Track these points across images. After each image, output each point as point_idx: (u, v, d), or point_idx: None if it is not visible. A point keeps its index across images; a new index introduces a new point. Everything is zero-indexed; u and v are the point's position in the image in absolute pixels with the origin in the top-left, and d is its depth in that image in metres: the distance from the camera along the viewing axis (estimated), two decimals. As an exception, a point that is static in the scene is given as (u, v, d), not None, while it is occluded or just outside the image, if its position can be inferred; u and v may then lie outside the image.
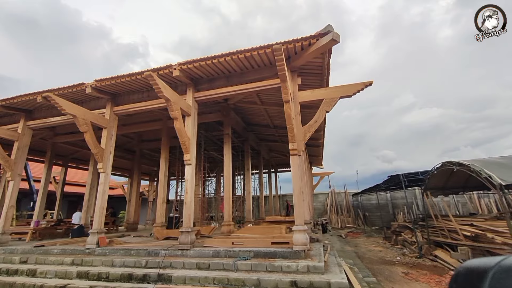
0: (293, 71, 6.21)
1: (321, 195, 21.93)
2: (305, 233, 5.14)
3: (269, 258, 5.10)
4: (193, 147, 6.36)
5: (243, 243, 5.77)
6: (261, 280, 4.31)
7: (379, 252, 9.07)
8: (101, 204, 6.77)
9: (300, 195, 5.40)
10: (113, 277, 5.12)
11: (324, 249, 7.15)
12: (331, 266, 5.08)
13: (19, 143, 8.05)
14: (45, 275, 5.57)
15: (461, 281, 0.60)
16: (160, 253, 5.76)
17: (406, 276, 5.81)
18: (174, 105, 5.70)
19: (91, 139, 6.59)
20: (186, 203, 6.03)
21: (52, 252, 6.62)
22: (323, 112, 5.72)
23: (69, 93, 6.93)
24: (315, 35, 5.23)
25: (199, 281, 4.62)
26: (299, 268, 4.56)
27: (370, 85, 5.64)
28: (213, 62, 5.84)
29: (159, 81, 5.24)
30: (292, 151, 5.54)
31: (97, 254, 6.19)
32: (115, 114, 7.41)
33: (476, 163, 5.72)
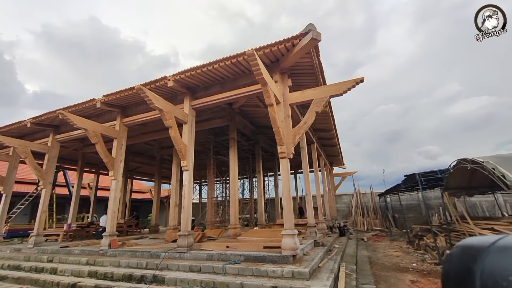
0: (283, 73, 6.14)
1: (345, 196, 21.05)
2: (294, 237, 5.03)
3: (259, 262, 5.09)
4: (190, 154, 6.61)
5: (236, 247, 5.84)
6: (244, 284, 4.34)
7: (396, 257, 8.46)
8: (113, 209, 7.35)
9: (289, 199, 5.31)
10: (116, 277, 5.53)
11: (329, 253, 6.91)
12: (323, 272, 4.90)
13: (49, 155, 9.10)
14: (63, 273, 6.22)
15: (455, 262, 0.57)
16: (160, 255, 6.08)
17: (413, 284, 5.37)
18: (167, 114, 6.00)
19: (101, 149, 7.21)
20: (184, 207, 6.29)
21: (73, 252, 7.36)
22: (313, 113, 5.55)
23: (82, 108, 7.67)
24: (297, 35, 5.13)
25: (188, 283, 4.78)
26: (283, 274, 4.48)
27: (361, 81, 5.36)
28: (202, 70, 6.04)
29: (149, 93, 5.57)
30: (281, 154, 5.48)
31: (109, 255, 6.73)
32: (125, 125, 8.00)
33: (492, 160, 5.10)
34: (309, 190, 8.21)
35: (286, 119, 5.76)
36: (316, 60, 5.80)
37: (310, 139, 10.73)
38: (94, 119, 8.61)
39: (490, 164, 4.95)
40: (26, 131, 9.55)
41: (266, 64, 6.17)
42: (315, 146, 11.10)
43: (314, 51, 5.54)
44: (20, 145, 8.43)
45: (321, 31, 4.95)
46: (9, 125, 8.88)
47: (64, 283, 5.59)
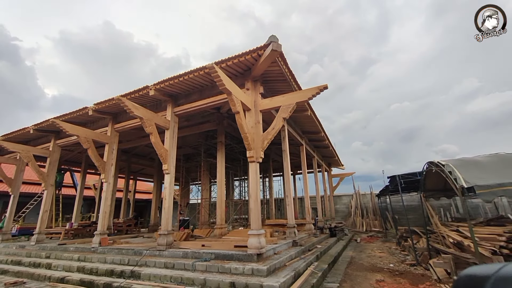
0: (255, 81, 6.46)
1: (344, 197, 21.00)
2: (259, 237, 5.34)
3: (226, 260, 5.43)
4: (171, 158, 7.04)
5: (210, 245, 6.21)
6: (206, 280, 4.69)
7: (378, 258, 8.58)
8: (104, 209, 7.89)
9: (256, 201, 5.62)
10: (100, 272, 6.02)
11: (305, 253, 7.15)
12: (285, 270, 5.17)
13: (50, 158, 9.80)
14: (56, 268, 6.79)
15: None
16: (143, 252, 6.53)
17: (378, 283, 5.54)
18: (147, 122, 6.45)
19: (93, 154, 7.76)
20: (164, 208, 6.71)
21: (68, 249, 7.95)
22: (280, 119, 5.84)
23: (77, 116, 8.27)
24: (261, 46, 5.44)
25: (159, 279, 5.19)
26: (244, 271, 4.81)
27: (325, 88, 5.59)
28: (179, 80, 6.44)
29: (128, 102, 6.03)
30: (250, 158, 5.79)
31: (98, 252, 7.26)
32: (116, 130, 8.54)
33: (453, 163, 5.21)
34: (289, 192, 8.46)
35: (257, 124, 6.07)
36: (284, 68, 6.08)
37: (298, 142, 10.96)
38: (89, 125, 9.23)
39: (449, 167, 5.07)
40: (30, 137, 10.31)
41: (240, 72, 6.52)
42: (304, 148, 11.31)
43: (281, 60, 5.82)
44: (23, 150, 9.16)
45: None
46: (14, 132, 9.64)
47: (55, 277, 6.14)
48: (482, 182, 4.24)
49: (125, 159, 15.87)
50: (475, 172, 4.66)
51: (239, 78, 6.62)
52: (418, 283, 5.47)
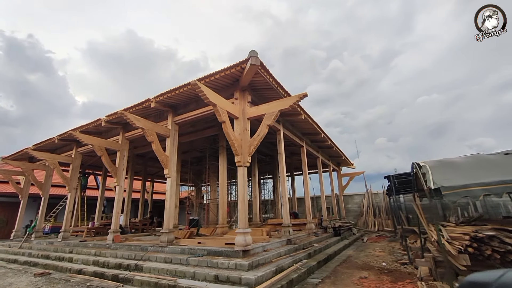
0: (243, 90, 6.96)
1: (356, 196, 20.80)
2: (245, 235, 5.83)
3: (216, 256, 5.99)
4: (172, 163, 7.73)
5: (205, 243, 6.80)
6: (195, 273, 5.28)
7: (376, 257, 8.71)
8: (116, 210, 8.80)
9: (243, 202, 6.12)
10: (111, 266, 6.85)
11: (297, 251, 7.52)
12: (269, 266, 5.61)
13: (73, 165, 10.98)
14: (76, 262, 7.76)
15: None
16: (148, 248, 7.28)
17: (360, 280, 5.80)
18: (148, 131, 7.18)
19: (105, 160, 8.69)
20: (166, 209, 7.43)
21: (88, 245, 8.96)
22: (265, 126, 6.29)
23: (92, 127, 9.27)
24: (243, 61, 5.93)
25: (158, 271, 5.87)
26: (229, 265, 5.33)
27: (305, 96, 5.96)
28: (175, 93, 7.11)
29: (130, 115, 6.80)
30: (237, 162, 6.31)
31: (111, 248, 8.15)
32: (126, 139, 9.45)
33: (431, 164, 5.36)
34: (284, 193, 8.84)
35: (244, 131, 6.57)
36: (268, 78, 6.51)
37: (298, 144, 11.29)
38: (104, 134, 10.26)
39: (425, 168, 5.23)
40: (56, 146, 11.61)
41: (230, 83, 7.06)
42: (305, 149, 11.60)
43: (263, 71, 6.27)
44: (49, 158, 10.40)
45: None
46: (42, 142, 10.95)
47: (74, 269, 7.07)
48: (448, 183, 4.40)
49: (142, 162, 17.06)
50: (447, 173, 4.81)
51: (230, 88, 7.16)
52: (399, 281, 5.66)
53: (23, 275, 7.33)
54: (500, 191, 4.04)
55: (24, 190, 13.05)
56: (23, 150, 11.33)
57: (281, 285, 4.87)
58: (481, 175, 4.32)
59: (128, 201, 13.35)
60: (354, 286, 5.40)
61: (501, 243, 4.13)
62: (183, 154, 12.93)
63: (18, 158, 12.48)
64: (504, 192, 4.05)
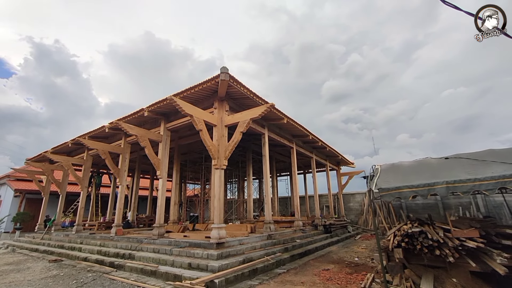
0: (221, 100, 7.74)
1: (358, 195, 20.98)
2: (218, 230, 6.64)
3: (196, 247, 6.86)
4: (163, 165, 8.68)
5: (189, 236, 7.71)
6: (174, 261, 6.18)
7: (354, 253, 9.22)
8: (119, 206, 9.93)
9: (219, 201, 6.93)
10: (110, 254, 7.93)
11: (273, 245, 8.23)
12: (237, 257, 6.37)
13: (84, 166, 12.32)
14: (84, 251, 8.96)
15: None
16: (143, 240, 8.31)
17: (321, 271, 6.43)
18: (141, 138, 8.17)
19: (109, 163, 9.83)
20: (158, 206, 8.40)
21: (96, 237, 10.18)
22: (239, 133, 7.04)
23: (98, 133, 10.46)
24: (216, 76, 6.72)
25: (146, 260, 6.83)
26: (203, 255, 6.17)
27: (272, 106, 6.65)
28: (164, 103, 8.02)
29: (124, 124, 7.80)
30: (214, 165, 7.12)
31: (114, 240, 9.28)
32: (128, 143, 10.56)
33: (385, 167, 5.88)
34: (267, 192, 9.54)
35: (221, 138, 7.36)
36: (242, 89, 7.24)
37: (287, 145, 11.92)
38: (110, 139, 11.46)
39: (377, 171, 5.76)
40: (70, 149, 13.03)
41: (209, 94, 7.86)
42: (294, 150, 12.21)
43: (236, 84, 7.00)
44: (64, 160, 11.78)
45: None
46: (58, 146, 12.38)
47: (81, 257, 8.24)
48: (385, 186, 4.96)
49: (149, 163, 18.35)
50: (388, 176, 5.35)
51: (210, 98, 7.98)
52: (357, 273, 6.24)
53: (41, 261, 8.62)
54: (425, 192, 4.54)
55: (46, 188, 14.67)
56: (43, 153, 12.84)
57: (243, 273, 5.65)
58: (412, 178, 4.83)
59: (134, 198, 14.63)
60: (312, 276, 6.06)
61: (426, 238, 4.64)
62: (183, 155, 13.94)
63: (40, 160, 14.08)
64: (429, 194, 4.55)
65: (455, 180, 4.27)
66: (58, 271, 6.93)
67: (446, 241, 4.48)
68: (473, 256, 4.66)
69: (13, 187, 17.33)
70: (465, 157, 5.02)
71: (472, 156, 4.98)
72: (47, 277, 6.32)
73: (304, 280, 5.66)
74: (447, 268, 4.94)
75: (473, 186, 4.14)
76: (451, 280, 4.79)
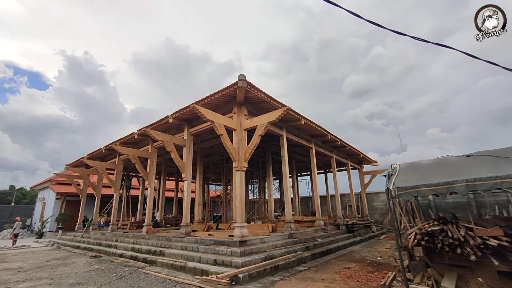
0: (240, 105, 8.11)
1: (382, 194, 20.39)
2: (241, 228, 6.99)
3: (220, 245, 7.27)
4: (188, 168, 9.23)
5: (214, 235, 8.15)
6: (200, 257, 6.63)
7: (377, 252, 9.15)
8: (149, 207, 10.68)
9: (241, 201, 7.28)
10: (143, 251, 8.61)
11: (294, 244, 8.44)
12: (260, 254, 6.68)
13: (116, 170, 13.35)
14: (119, 248, 9.77)
15: None
16: (171, 239, 8.91)
17: (342, 270, 6.53)
18: (167, 143, 8.78)
19: (138, 167, 10.62)
20: (184, 206, 8.96)
21: (129, 236, 11.03)
22: (257, 136, 7.36)
23: (128, 139, 11.32)
24: (234, 83, 7.08)
25: (175, 256, 7.37)
26: (227, 252, 6.56)
27: (289, 110, 6.89)
28: (186, 110, 8.56)
29: (152, 132, 8.44)
30: (235, 168, 7.49)
31: (145, 238, 10.01)
32: (154, 147, 11.31)
33: (403, 166, 5.89)
34: (287, 193, 9.73)
35: (241, 141, 7.72)
36: (259, 93, 7.55)
37: (306, 146, 12.03)
38: (138, 145, 12.32)
39: (396, 170, 5.79)
40: (103, 155, 14.16)
41: (228, 99, 8.26)
42: (314, 150, 12.29)
43: (253, 89, 7.33)
44: (98, 165, 12.86)
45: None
46: (93, 152, 13.53)
47: (117, 253, 9.02)
48: (403, 184, 5.00)
49: (174, 165, 19.29)
50: (406, 175, 5.37)
51: (229, 104, 8.38)
52: (378, 271, 6.27)
53: (83, 257, 9.56)
54: (444, 191, 4.53)
55: (83, 191, 16.05)
56: (80, 159, 14.10)
57: (265, 269, 5.95)
58: (431, 177, 4.83)
59: (162, 200, 15.52)
60: (332, 273, 6.20)
61: (446, 236, 4.62)
62: (205, 158, 14.53)
63: (77, 165, 15.44)
64: (448, 192, 4.54)
65: (475, 178, 4.23)
66: (98, 266, 7.69)
67: (467, 239, 4.45)
68: (500, 255, 4.57)
69: (55, 190, 19.08)
70: (487, 154, 4.92)
71: (495, 153, 4.87)
72: (90, 270, 7.06)
73: (325, 277, 5.82)
74: (473, 267, 4.88)
75: (495, 184, 4.09)
76: (477, 280, 4.73)
